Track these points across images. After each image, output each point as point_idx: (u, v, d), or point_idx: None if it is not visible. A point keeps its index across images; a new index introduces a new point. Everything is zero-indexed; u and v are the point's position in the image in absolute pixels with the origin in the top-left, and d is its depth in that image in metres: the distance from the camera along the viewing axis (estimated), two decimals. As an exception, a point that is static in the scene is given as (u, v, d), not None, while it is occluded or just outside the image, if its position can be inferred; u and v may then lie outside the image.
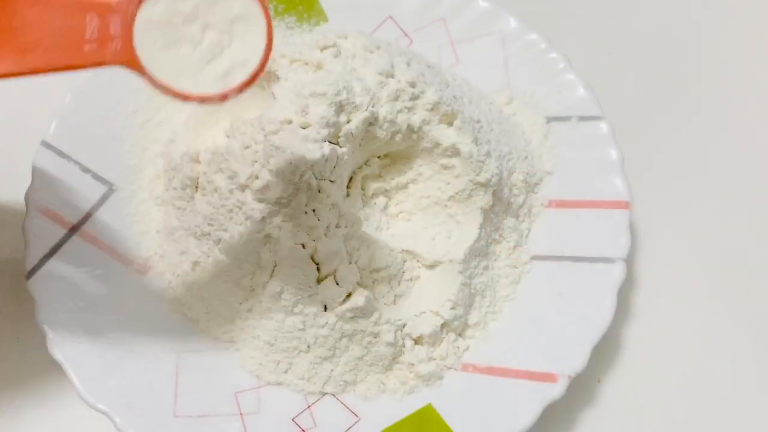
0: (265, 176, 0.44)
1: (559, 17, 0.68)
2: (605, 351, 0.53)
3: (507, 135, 0.55)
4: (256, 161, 0.45)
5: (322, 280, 0.47)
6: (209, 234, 0.50)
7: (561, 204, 0.55)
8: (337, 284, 0.47)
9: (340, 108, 0.47)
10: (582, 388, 0.52)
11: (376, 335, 0.48)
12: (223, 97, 0.34)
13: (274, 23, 0.62)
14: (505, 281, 0.52)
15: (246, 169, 0.45)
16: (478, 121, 0.53)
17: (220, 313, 0.50)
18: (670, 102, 0.65)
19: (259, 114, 0.47)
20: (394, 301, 0.50)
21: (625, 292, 0.53)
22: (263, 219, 0.45)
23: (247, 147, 0.46)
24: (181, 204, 0.52)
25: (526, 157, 0.56)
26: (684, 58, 0.67)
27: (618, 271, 0.50)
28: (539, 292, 0.52)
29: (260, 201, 0.45)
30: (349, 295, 0.48)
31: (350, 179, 0.52)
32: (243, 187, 0.45)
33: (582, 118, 0.57)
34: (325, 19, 0.63)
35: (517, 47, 0.60)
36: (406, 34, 0.62)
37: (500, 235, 0.53)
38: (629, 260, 0.51)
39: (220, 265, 0.49)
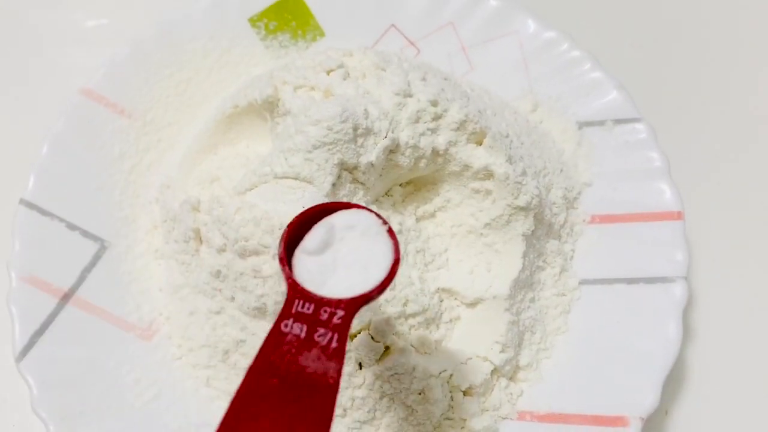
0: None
1: (572, 10, 0.63)
2: (669, 378, 0.47)
3: (538, 147, 0.50)
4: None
5: (354, 336, 0.42)
6: (221, 290, 0.44)
7: (605, 219, 0.50)
8: (372, 339, 0.42)
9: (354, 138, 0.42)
10: (648, 424, 0.46)
11: (420, 392, 0.43)
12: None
13: (266, 43, 0.56)
14: (554, 312, 0.47)
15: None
16: (507, 136, 0.48)
17: (241, 377, 0.45)
18: (713, 94, 0.59)
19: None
20: (435, 348, 0.45)
21: (684, 313, 0.48)
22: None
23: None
24: (184, 258, 0.46)
25: (562, 170, 0.50)
26: (723, 37, 0.60)
27: (679, 292, 0.45)
28: (593, 321, 0.47)
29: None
30: (387, 349, 0.42)
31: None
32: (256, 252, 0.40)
33: (617, 121, 0.52)
34: (322, 34, 0.57)
35: (536, 47, 0.55)
36: (412, 43, 0.57)
37: (544, 261, 0.47)
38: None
39: (237, 324, 0.44)
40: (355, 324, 0.42)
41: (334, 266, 0.32)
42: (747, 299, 0.51)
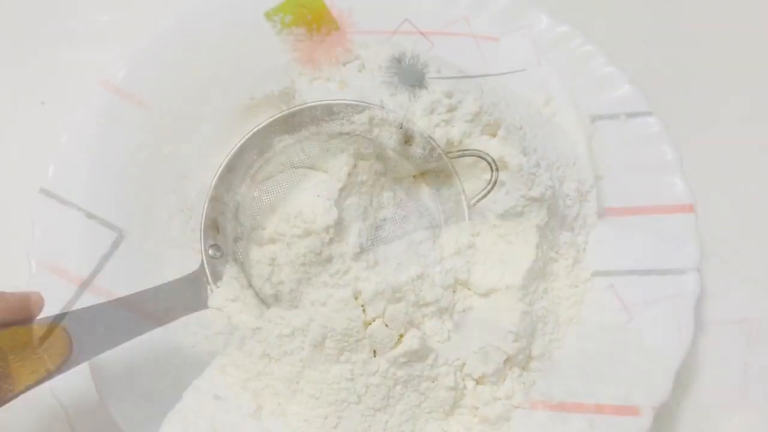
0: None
1: (585, 5, 0.63)
2: (681, 370, 0.48)
3: (552, 140, 0.50)
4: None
5: (369, 323, 0.42)
6: (237, 278, 0.45)
7: (617, 211, 0.50)
8: (387, 326, 0.42)
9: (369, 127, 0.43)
10: (660, 415, 0.46)
11: (433, 379, 0.43)
12: None
13: (281, 36, 0.57)
14: (566, 303, 0.47)
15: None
16: (521, 128, 0.48)
17: (256, 364, 0.45)
18: (725, 87, 0.58)
19: None
20: (448, 337, 0.45)
21: (696, 305, 0.48)
22: (302, 263, 0.40)
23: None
24: (200, 246, 0.47)
25: (575, 163, 0.51)
26: (736, 30, 0.60)
27: (692, 283, 0.46)
28: (605, 312, 0.47)
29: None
30: (400, 338, 0.43)
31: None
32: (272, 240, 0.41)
33: (630, 115, 0.52)
34: (336, 28, 0.57)
35: (549, 42, 0.55)
36: (425, 37, 0.57)
37: (557, 252, 0.48)
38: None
39: (253, 312, 0.44)
40: (370, 313, 0.42)
41: None
42: (759, 293, 0.51)
